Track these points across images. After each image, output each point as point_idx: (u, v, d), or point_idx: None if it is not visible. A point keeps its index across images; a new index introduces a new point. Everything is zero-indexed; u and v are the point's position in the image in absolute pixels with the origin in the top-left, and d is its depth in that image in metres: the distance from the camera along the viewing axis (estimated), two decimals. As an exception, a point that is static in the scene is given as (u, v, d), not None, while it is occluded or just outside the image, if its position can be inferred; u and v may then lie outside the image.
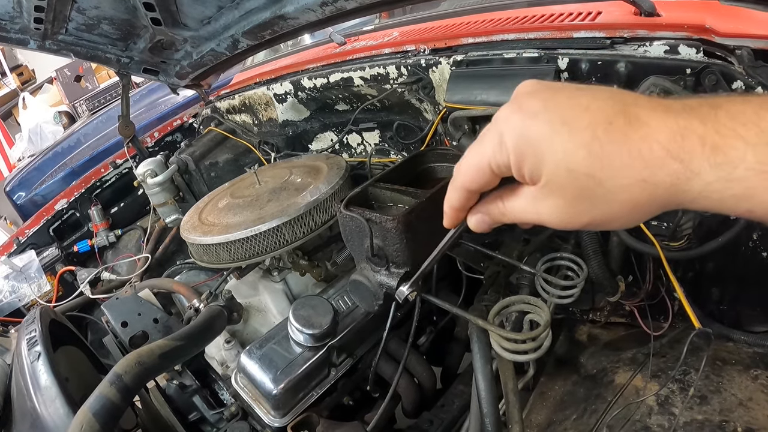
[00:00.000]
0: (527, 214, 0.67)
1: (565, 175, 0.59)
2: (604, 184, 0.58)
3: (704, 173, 0.54)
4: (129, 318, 2.16)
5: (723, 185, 0.53)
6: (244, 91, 3.02)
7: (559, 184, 0.61)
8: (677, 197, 0.56)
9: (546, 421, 1.71)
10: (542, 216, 0.66)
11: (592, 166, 0.58)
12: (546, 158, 0.60)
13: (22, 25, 2.19)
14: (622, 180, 0.57)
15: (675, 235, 1.57)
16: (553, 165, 0.60)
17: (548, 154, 0.59)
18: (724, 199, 0.54)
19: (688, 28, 1.45)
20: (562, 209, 0.63)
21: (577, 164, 0.58)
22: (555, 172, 0.60)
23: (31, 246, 3.19)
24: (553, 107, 0.60)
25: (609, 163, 0.57)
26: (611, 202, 0.59)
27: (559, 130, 0.59)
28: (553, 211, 0.64)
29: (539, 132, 0.60)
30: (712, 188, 0.54)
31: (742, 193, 0.53)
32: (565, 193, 0.61)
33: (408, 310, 2.08)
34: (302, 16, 2.07)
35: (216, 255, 2.06)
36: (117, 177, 3.45)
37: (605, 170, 0.57)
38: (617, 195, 0.58)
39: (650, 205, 0.58)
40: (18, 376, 1.66)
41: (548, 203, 0.64)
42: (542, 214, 0.65)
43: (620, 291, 1.77)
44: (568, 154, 0.58)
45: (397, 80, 2.15)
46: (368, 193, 1.40)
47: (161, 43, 2.48)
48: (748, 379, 1.44)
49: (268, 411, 1.79)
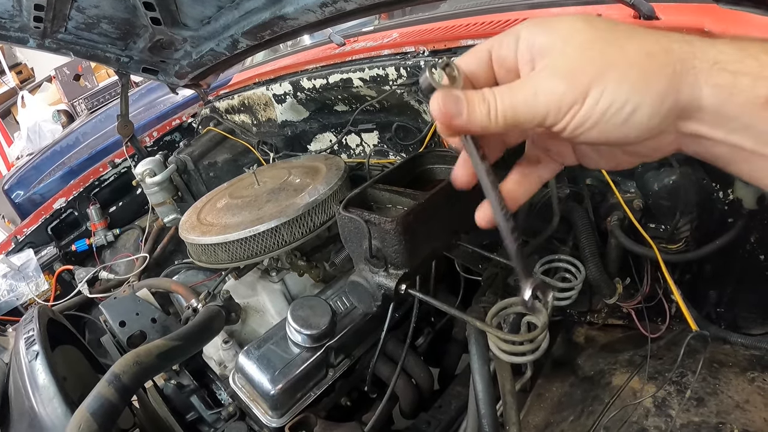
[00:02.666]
0: (524, 86, 0.59)
1: (580, 22, 0.58)
2: (618, 27, 0.57)
3: (717, 44, 0.54)
4: (127, 318, 2.16)
5: (738, 56, 0.52)
6: (244, 91, 3.02)
7: (573, 29, 0.57)
8: (692, 62, 0.54)
9: (543, 422, 1.71)
10: (545, 78, 0.58)
11: (598, 25, 0.57)
12: (561, 20, 0.59)
13: (22, 24, 2.19)
14: (630, 33, 0.56)
15: (673, 237, 1.58)
16: (567, 20, 0.58)
17: (554, 22, 0.59)
18: (740, 74, 0.52)
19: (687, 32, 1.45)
20: (573, 57, 0.57)
21: (583, 22, 0.58)
22: (570, 21, 0.58)
23: (29, 245, 3.18)
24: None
25: (616, 27, 0.57)
26: (625, 46, 0.55)
27: (566, 17, 0.59)
28: (562, 62, 0.57)
29: (556, 18, 0.59)
30: (728, 58, 0.52)
31: (759, 71, 0.51)
32: (578, 38, 0.57)
33: (406, 311, 2.08)
34: (302, 17, 2.07)
35: (214, 255, 2.06)
36: (115, 176, 3.45)
37: (611, 28, 0.57)
38: (631, 39, 0.56)
39: (665, 58, 0.54)
40: (16, 376, 1.65)
41: (557, 60, 0.58)
42: (546, 75, 0.58)
43: (618, 293, 1.77)
44: (574, 20, 0.58)
45: (397, 81, 2.15)
46: (367, 195, 1.40)
47: (161, 42, 2.48)
48: (744, 381, 1.45)
49: (265, 411, 1.79)
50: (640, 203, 1.60)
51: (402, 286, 1.26)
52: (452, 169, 0.72)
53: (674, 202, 1.53)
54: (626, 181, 1.67)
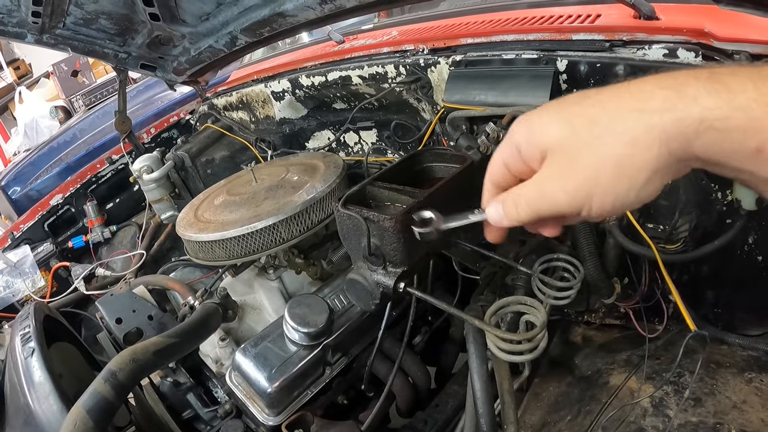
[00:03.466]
0: (532, 193, 0.69)
1: (561, 126, 0.63)
2: (598, 120, 0.60)
3: (701, 98, 0.54)
4: (123, 314, 2.15)
5: (725, 113, 0.53)
6: (242, 88, 3.02)
7: (559, 138, 0.64)
8: (677, 128, 0.55)
9: (540, 421, 1.71)
10: (546, 188, 0.67)
11: (584, 108, 0.62)
12: (544, 122, 0.65)
13: (20, 19, 2.19)
14: (615, 114, 0.59)
15: (671, 237, 1.58)
16: (549, 123, 0.65)
17: (545, 118, 0.65)
18: (729, 132, 0.53)
19: (687, 32, 1.46)
20: (566, 169, 0.64)
21: (570, 112, 0.63)
22: (552, 127, 0.64)
23: (26, 241, 3.18)
24: (553, 101, 0.67)
25: (601, 106, 0.61)
26: (609, 139, 0.59)
27: (553, 105, 0.65)
28: (558, 176, 0.65)
29: (536, 116, 0.68)
30: (714, 115, 0.53)
31: (747, 124, 0.52)
32: (565, 145, 0.63)
33: (403, 309, 2.08)
34: (301, 14, 2.07)
35: (212, 252, 2.06)
36: (113, 173, 3.44)
37: (596, 107, 0.61)
38: (613, 128, 0.59)
39: (649, 138, 0.57)
40: (11, 372, 1.65)
41: (551, 171, 0.66)
42: (547, 188, 0.67)
43: (616, 293, 1.77)
44: (561, 110, 0.64)
45: (396, 79, 2.15)
46: (366, 192, 1.40)
47: (159, 38, 2.47)
48: (742, 381, 1.45)
49: (262, 409, 1.79)
50: (639, 203, 1.60)
51: (401, 284, 1.26)
52: (451, 167, 0.77)
53: (673, 202, 1.53)
54: (625, 180, 1.67)
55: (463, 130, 1.83)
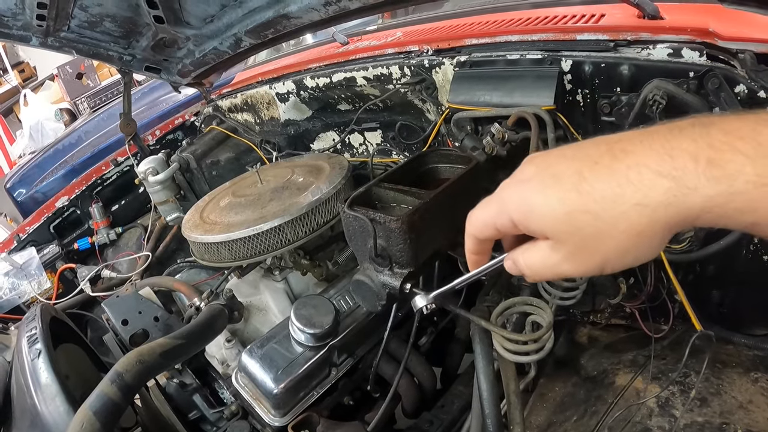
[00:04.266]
0: (545, 269, 0.70)
1: (565, 220, 0.62)
2: (601, 216, 0.60)
3: (702, 188, 0.55)
4: (129, 316, 2.16)
5: (724, 199, 0.54)
6: (246, 89, 3.02)
7: (564, 231, 0.64)
8: (679, 216, 0.57)
9: (546, 422, 1.71)
10: (558, 268, 0.68)
11: (586, 202, 0.61)
12: (545, 212, 0.64)
13: (25, 22, 2.19)
14: (617, 208, 0.59)
15: (676, 237, 1.57)
16: (552, 215, 0.63)
17: (546, 208, 0.64)
18: (726, 214, 0.55)
19: (692, 32, 1.45)
20: (574, 255, 0.65)
21: (572, 206, 0.61)
22: (556, 220, 0.63)
23: (32, 243, 3.19)
24: (544, 167, 0.66)
25: (601, 197, 0.60)
26: (614, 234, 0.61)
27: (550, 184, 0.63)
28: (567, 259, 0.66)
29: (533, 192, 0.65)
30: (714, 203, 0.55)
31: (745, 206, 0.54)
32: (571, 237, 0.64)
33: (409, 310, 2.08)
34: (305, 16, 2.07)
35: (217, 254, 2.06)
36: (118, 175, 3.46)
37: (599, 203, 0.60)
38: (617, 225, 0.60)
39: (653, 230, 0.59)
40: (18, 374, 1.65)
41: (560, 254, 0.66)
42: (558, 266, 0.68)
43: (621, 293, 1.77)
44: (562, 200, 0.62)
45: (400, 80, 2.15)
46: (372, 193, 1.40)
47: (164, 41, 2.48)
48: (748, 381, 1.45)
49: (268, 410, 1.79)
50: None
51: (407, 285, 1.26)
52: (456, 168, 0.77)
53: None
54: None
55: (468, 130, 1.83)
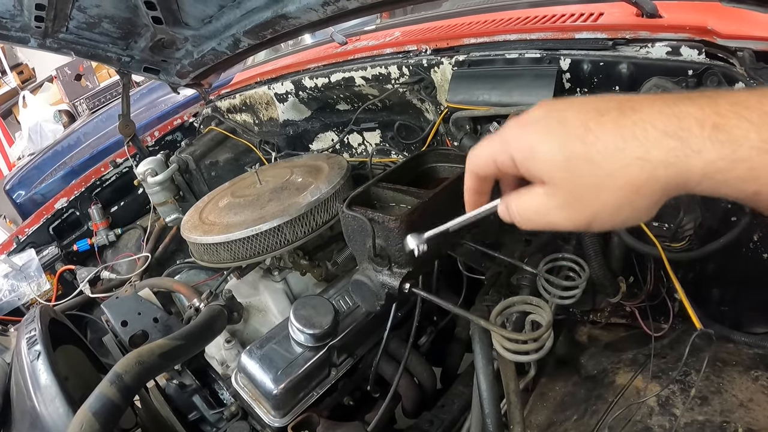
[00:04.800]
0: (536, 216, 0.69)
1: (564, 166, 0.62)
2: (602, 166, 0.60)
3: (706, 151, 0.54)
4: (129, 317, 2.16)
5: (727, 164, 0.54)
6: (245, 90, 3.02)
7: (561, 177, 0.63)
8: (680, 178, 0.57)
9: (546, 421, 1.71)
10: (549, 216, 0.67)
11: (589, 151, 0.60)
12: (546, 155, 0.63)
13: (23, 24, 2.19)
14: (619, 161, 0.59)
15: (676, 236, 1.57)
16: (552, 160, 0.63)
17: (547, 152, 0.63)
18: (728, 181, 0.54)
19: (690, 30, 1.45)
20: (568, 203, 0.64)
21: (574, 153, 0.61)
22: (555, 165, 0.63)
23: (31, 245, 3.19)
24: (552, 112, 0.65)
25: (604, 147, 0.59)
26: (612, 187, 0.60)
27: (555, 129, 0.63)
28: (559, 207, 0.65)
29: (538, 134, 0.65)
30: (716, 167, 0.54)
31: (747, 174, 0.53)
32: (568, 185, 0.63)
33: (408, 310, 2.08)
34: (304, 16, 2.07)
35: (216, 254, 2.06)
36: (117, 176, 3.45)
37: (601, 153, 0.60)
38: (617, 178, 0.59)
39: (651, 188, 0.59)
40: (18, 376, 1.65)
41: (554, 201, 0.66)
42: (549, 214, 0.67)
43: (621, 292, 1.76)
44: (564, 146, 0.62)
45: (399, 80, 2.15)
46: (370, 193, 1.40)
47: (162, 41, 2.48)
48: (748, 380, 1.44)
49: (268, 411, 1.79)
50: (644, 202, 1.59)
51: (406, 285, 1.26)
52: (455, 168, 0.76)
53: (678, 201, 1.52)
54: (629, 179, 1.66)
55: (467, 130, 1.83)
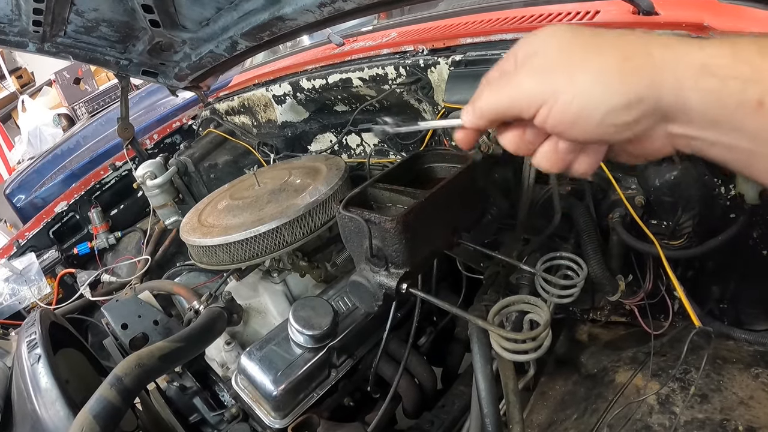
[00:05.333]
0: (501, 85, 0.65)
1: (563, 30, 0.62)
2: (598, 32, 0.59)
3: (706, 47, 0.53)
4: (129, 320, 2.16)
5: (728, 61, 0.52)
6: (243, 92, 3.02)
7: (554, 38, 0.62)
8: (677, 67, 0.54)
9: (547, 420, 1.71)
10: (516, 80, 0.63)
11: (589, 29, 0.61)
12: (544, 31, 0.63)
13: (21, 28, 2.20)
14: (617, 39, 0.58)
15: (675, 233, 1.57)
16: (550, 29, 0.63)
17: (547, 29, 0.63)
18: (729, 79, 0.51)
19: (687, 27, 1.45)
20: (544, 66, 0.61)
21: (577, 28, 0.61)
22: (553, 31, 0.63)
23: (31, 248, 3.19)
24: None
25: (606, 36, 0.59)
26: (605, 50, 0.57)
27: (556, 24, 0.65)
28: (532, 71, 0.62)
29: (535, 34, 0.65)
30: (716, 63, 0.52)
31: (749, 75, 0.51)
32: (557, 50, 0.61)
33: (408, 310, 2.08)
34: (301, 18, 2.07)
35: (216, 256, 2.06)
36: (116, 179, 3.45)
37: (601, 31, 0.60)
38: (610, 43, 0.58)
39: (644, 63, 0.55)
40: (18, 379, 1.66)
41: (531, 65, 0.63)
42: (517, 78, 0.63)
43: (620, 290, 1.76)
44: (569, 26, 0.62)
45: (396, 81, 2.15)
46: (367, 194, 1.40)
47: (160, 45, 2.48)
48: (749, 377, 1.44)
49: (268, 412, 1.79)
50: (642, 199, 1.60)
51: (403, 286, 1.26)
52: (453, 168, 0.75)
53: (676, 198, 1.52)
54: (627, 177, 1.66)
55: (465, 130, 1.83)
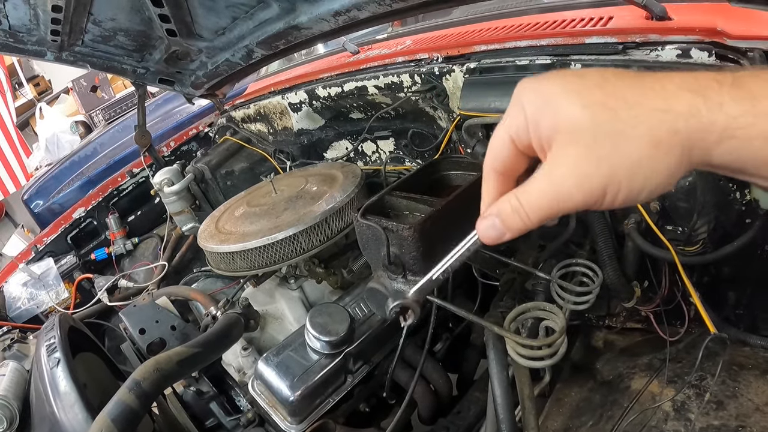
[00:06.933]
0: (544, 194, 0.62)
1: (581, 112, 0.58)
2: (620, 116, 0.57)
3: (726, 105, 0.53)
4: (147, 325, 2.17)
5: (749, 120, 0.52)
6: (259, 100, 3.04)
7: (576, 127, 0.58)
8: (700, 133, 0.54)
9: (562, 427, 1.71)
10: (559, 185, 0.61)
11: (607, 100, 0.57)
12: (561, 105, 0.59)
13: (39, 37, 2.23)
14: (637, 110, 0.56)
15: (690, 239, 1.57)
16: (567, 108, 0.59)
17: (563, 100, 0.59)
18: (751, 139, 0.52)
19: (700, 32, 1.45)
20: (582, 161, 0.59)
21: (592, 99, 0.58)
22: (570, 114, 0.59)
23: (49, 254, 3.22)
24: (567, 73, 0.62)
25: (623, 96, 0.57)
26: (632, 136, 0.56)
27: (572, 81, 0.60)
28: (572, 168, 0.59)
29: (553, 87, 0.60)
30: (737, 123, 0.52)
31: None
32: (582, 136, 0.58)
33: (424, 316, 2.08)
34: (315, 26, 2.09)
35: (233, 263, 2.07)
36: (134, 186, 3.49)
37: (620, 101, 0.57)
38: (636, 126, 0.56)
39: (671, 142, 0.55)
40: (37, 382, 1.68)
41: (565, 163, 0.60)
42: (559, 182, 0.60)
43: (636, 296, 1.76)
44: (582, 93, 0.58)
45: (411, 88, 2.16)
46: (384, 202, 1.41)
47: (176, 53, 2.50)
48: (765, 383, 1.43)
49: (284, 417, 1.80)
50: (657, 205, 1.60)
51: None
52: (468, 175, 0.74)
53: (691, 204, 1.52)
54: (643, 183, 1.66)
55: (480, 137, 1.83)
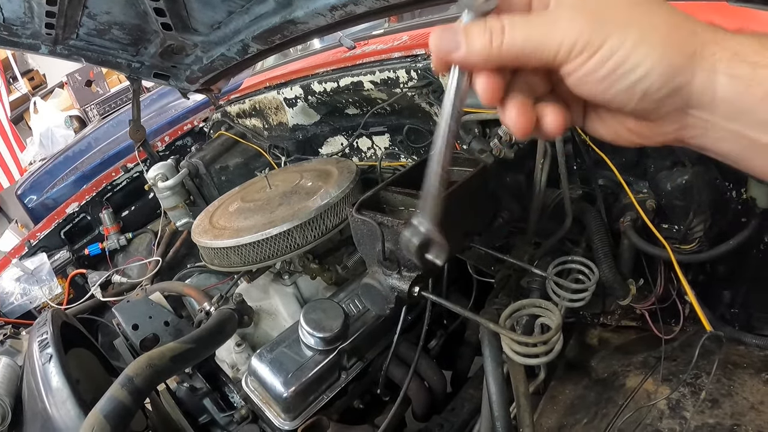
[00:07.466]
0: (536, 27, 0.55)
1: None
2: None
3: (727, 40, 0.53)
4: (140, 321, 2.16)
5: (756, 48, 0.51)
6: (255, 95, 3.03)
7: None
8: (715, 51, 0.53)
9: (557, 424, 1.70)
10: (560, 19, 0.55)
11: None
12: None
13: (34, 31, 2.21)
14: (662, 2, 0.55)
15: (686, 238, 1.57)
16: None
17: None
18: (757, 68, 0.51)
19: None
20: (592, 6, 0.54)
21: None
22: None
23: (43, 249, 3.21)
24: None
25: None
26: (650, 10, 0.54)
27: None
28: (579, 8, 0.54)
29: None
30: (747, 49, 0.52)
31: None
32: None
33: (418, 313, 2.08)
34: (312, 21, 2.07)
35: (227, 258, 2.07)
36: (128, 181, 3.48)
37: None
38: (658, 6, 0.54)
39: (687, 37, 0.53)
40: (29, 378, 1.67)
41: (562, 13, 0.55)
42: (561, 16, 0.55)
43: (631, 294, 1.76)
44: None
45: (407, 84, 2.15)
46: (380, 197, 1.41)
47: (172, 47, 2.49)
48: (759, 382, 1.44)
49: (278, 414, 1.79)
50: (653, 204, 1.59)
51: (415, 289, 1.26)
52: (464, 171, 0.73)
53: (687, 202, 1.52)
54: (639, 181, 1.66)
55: (476, 133, 1.83)
